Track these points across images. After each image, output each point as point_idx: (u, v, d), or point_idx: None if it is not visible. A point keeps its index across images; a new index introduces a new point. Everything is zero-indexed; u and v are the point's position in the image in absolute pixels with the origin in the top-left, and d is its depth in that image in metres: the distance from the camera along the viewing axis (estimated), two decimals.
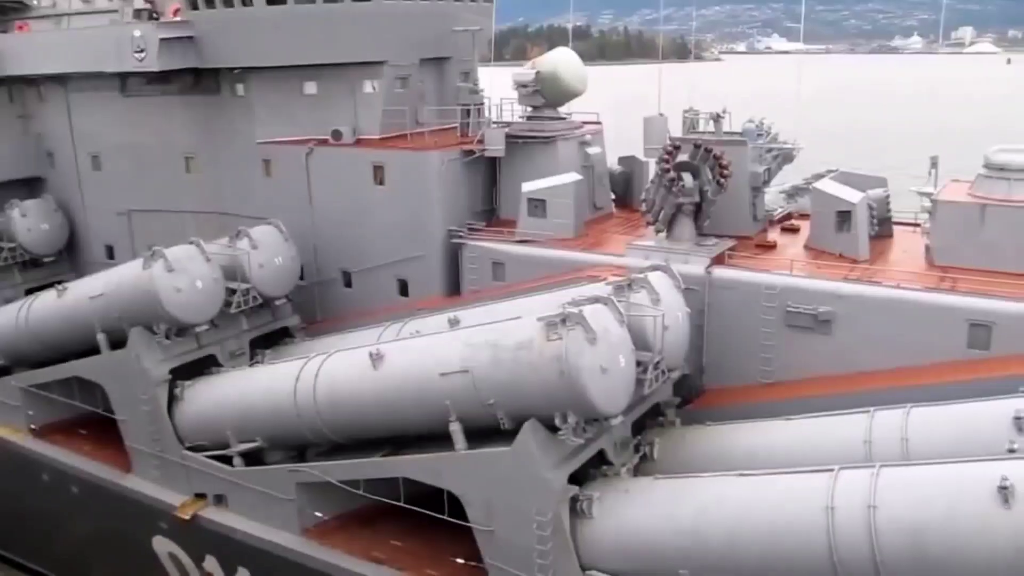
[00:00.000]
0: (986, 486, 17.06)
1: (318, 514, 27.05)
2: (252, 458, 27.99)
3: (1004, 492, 16.73)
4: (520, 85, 34.53)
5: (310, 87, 34.77)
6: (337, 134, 33.60)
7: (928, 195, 27.90)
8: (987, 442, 19.53)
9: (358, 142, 33.71)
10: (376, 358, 24.01)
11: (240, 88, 35.35)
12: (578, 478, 22.24)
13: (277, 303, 32.38)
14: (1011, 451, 18.68)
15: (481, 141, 32.66)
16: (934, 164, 29.49)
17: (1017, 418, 19.76)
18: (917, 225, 30.30)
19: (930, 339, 23.58)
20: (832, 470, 19.26)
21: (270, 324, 32.53)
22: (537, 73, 34.15)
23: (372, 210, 32.50)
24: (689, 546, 20.19)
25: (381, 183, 32.35)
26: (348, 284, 34.11)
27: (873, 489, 18.23)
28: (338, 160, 33.44)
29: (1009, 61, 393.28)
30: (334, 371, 25.34)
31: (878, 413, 22.02)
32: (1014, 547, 16.61)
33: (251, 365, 30.64)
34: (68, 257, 41.88)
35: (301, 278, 33.18)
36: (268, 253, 31.08)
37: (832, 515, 18.36)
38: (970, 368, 22.86)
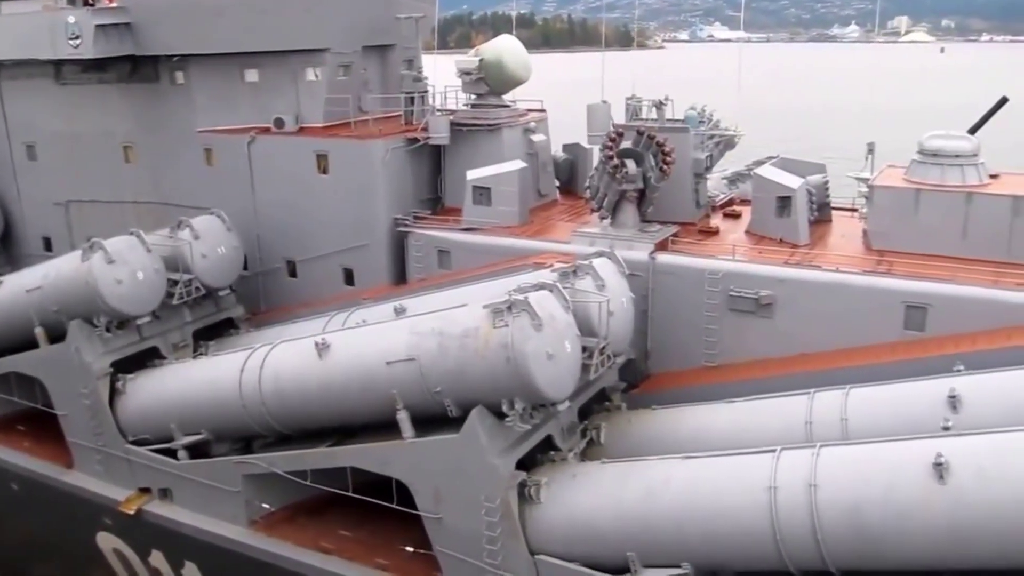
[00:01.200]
0: (922, 463, 17.50)
1: (265, 506, 26.83)
2: (197, 451, 27.63)
3: (939, 468, 17.18)
4: (464, 73, 34.44)
5: (251, 75, 34.30)
6: (279, 122, 33.23)
7: (865, 180, 28.53)
8: (923, 420, 20.02)
9: (301, 130, 33.38)
10: (322, 348, 23.83)
11: (179, 76, 34.70)
12: (526, 464, 22.35)
13: (221, 294, 31.95)
14: (946, 428, 19.15)
15: (425, 129, 32.54)
16: (871, 150, 30.14)
17: (951, 396, 20.30)
18: (855, 210, 30.90)
19: (868, 321, 24.13)
20: (774, 451, 19.61)
21: (214, 315, 32.11)
22: (481, 61, 34.11)
23: (316, 199, 32.20)
24: (636, 529, 20.43)
25: (325, 172, 32.08)
26: (293, 274, 33.80)
27: (814, 469, 18.61)
28: (281, 148, 33.06)
29: (943, 50, 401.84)
30: (279, 362, 25.08)
31: (818, 394, 22.46)
32: (949, 522, 17.08)
33: (195, 357, 30.22)
34: (3, 250, 40.85)
35: (245, 268, 32.86)
36: (210, 243, 30.67)
37: (774, 495, 18.70)
38: (906, 349, 23.44)
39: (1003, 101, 31.48)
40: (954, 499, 17.07)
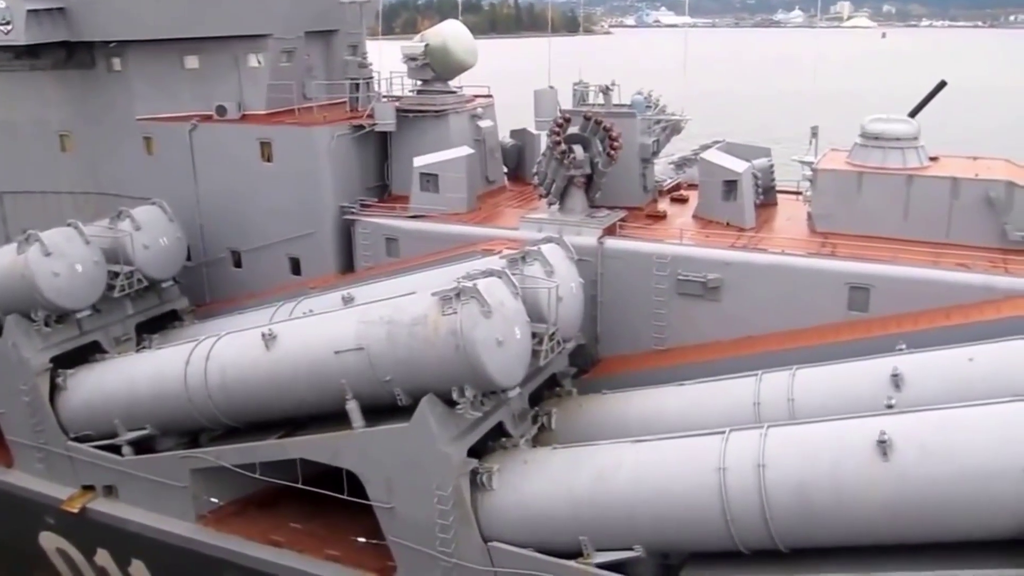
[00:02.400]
0: (866, 441, 17.79)
1: (214, 500, 26.48)
2: (142, 447, 27.13)
3: (883, 446, 17.48)
4: (409, 58, 34.14)
5: (191, 61, 33.64)
6: (221, 110, 32.66)
7: (809, 164, 28.86)
8: (867, 398, 20.33)
9: (244, 118, 32.87)
10: (269, 338, 23.53)
11: (117, 63, 33.87)
12: (477, 451, 22.28)
13: (164, 285, 31.35)
14: (889, 406, 19.46)
15: (371, 116, 32.25)
16: (814, 134, 30.48)
17: (894, 375, 20.66)
18: (799, 193, 31.28)
19: (813, 302, 24.45)
20: (723, 432, 19.80)
21: (157, 307, 31.52)
22: (426, 46, 33.83)
23: (260, 187, 31.73)
24: (588, 513, 20.50)
25: (269, 160, 31.62)
26: (238, 264, 33.30)
27: (762, 449, 18.81)
28: (223, 136, 32.49)
29: (884, 35, 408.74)
30: (225, 353, 24.71)
31: (766, 375, 22.72)
32: (892, 498, 17.39)
33: (138, 351, 29.62)
34: None
35: (188, 259, 32.27)
36: (152, 234, 30.08)
37: (724, 476, 18.86)
38: (851, 329, 23.80)
39: (941, 85, 32.00)
40: (898, 475, 17.38)
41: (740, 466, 18.83)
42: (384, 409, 22.30)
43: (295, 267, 32.02)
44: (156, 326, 31.52)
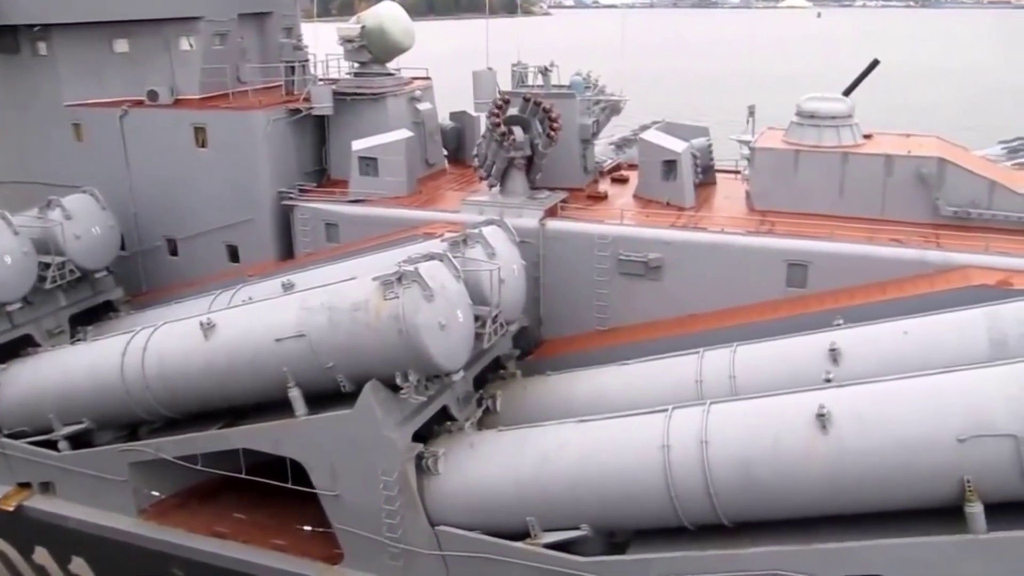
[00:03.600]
0: (806, 415, 18.11)
1: (155, 494, 26.08)
2: (79, 441, 26.52)
3: (822, 419, 17.82)
4: (346, 41, 33.65)
5: (121, 45, 32.75)
6: (153, 95, 31.90)
7: (746, 143, 29.16)
8: (806, 373, 20.68)
9: (177, 103, 32.14)
10: (207, 327, 23.16)
11: (42, 47, 32.79)
12: (423, 435, 22.24)
13: (97, 276, 30.63)
14: (828, 380, 19.84)
15: (307, 99, 31.78)
16: (751, 113, 30.82)
17: (832, 350, 21.04)
18: (738, 172, 31.61)
19: (753, 280, 24.76)
20: (666, 410, 20.00)
21: (91, 299, 30.79)
22: (363, 28, 33.37)
23: (195, 174, 31.10)
24: (534, 494, 20.58)
25: (203, 145, 30.99)
26: (174, 252, 32.66)
27: (704, 426, 19.05)
28: (156, 122, 31.74)
29: (819, 15, 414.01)
30: (163, 344, 24.24)
31: (707, 353, 22.97)
32: (832, 470, 17.75)
33: (72, 343, 28.89)
34: None
35: (122, 248, 31.54)
36: (84, 223, 29.33)
37: (668, 453, 19.07)
38: (789, 305, 24.18)
39: (874, 64, 32.58)
40: (837, 448, 17.73)
41: (683, 443, 19.04)
42: (327, 396, 22.09)
43: (233, 254, 31.50)
44: (90, 318, 30.78)
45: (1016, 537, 16.83)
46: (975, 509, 16.86)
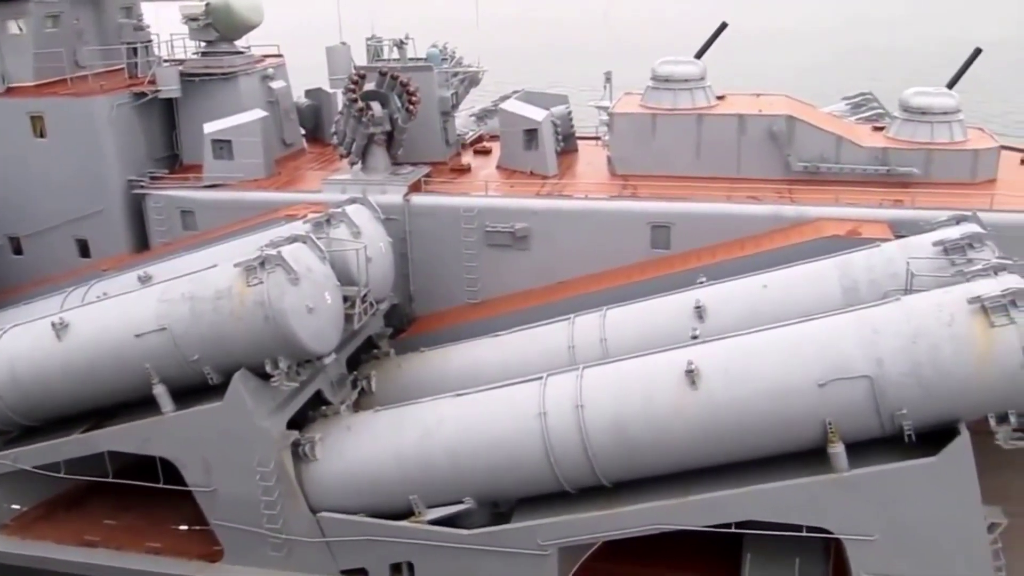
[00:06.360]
0: (675, 372, 18.61)
1: (15, 507, 24.96)
2: None
3: (691, 375, 18.34)
4: (190, 19, 32.35)
5: None
6: None
7: (605, 109, 29.52)
8: (674, 332, 21.21)
9: (9, 91, 30.21)
10: (60, 328, 22.27)
11: None
12: (298, 422, 21.88)
13: None
14: (694, 337, 20.39)
15: (152, 82, 30.38)
16: (608, 79, 31.20)
17: (697, 307, 21.67)
18: (598, 138, 31.99)
19: (618, 244, 25.20)
20: (541, 378, 20.19)
21: None
22: (208, 5, 32.14)
23: (35, 166, 29.35)
24: (416, 471, 20.51)
25: (42, 135, 29.25)
26: (18, 251, 30.78)
27: (579, 390, 19.34)
28: None
29: None
30: (13, 348, 23.18)
31: (578, 319, 23.29)
32: (702, 423, 18.31)
33: None
34: None
35: None
36: None
37: (545, 420, 19.29)
38: (655, 267, 24.72)
39: (723, 26, 33.08)
40: (706, 402, 18.31)
41: (559, 409, 19.30)
42: (196, 389, 21.48)
43: (83, 249, 29.95)
44: None
45: (874, 472, 17.81)
46: (837, 449, 17.73)
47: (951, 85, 28.50)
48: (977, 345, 17.00)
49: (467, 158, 31.12)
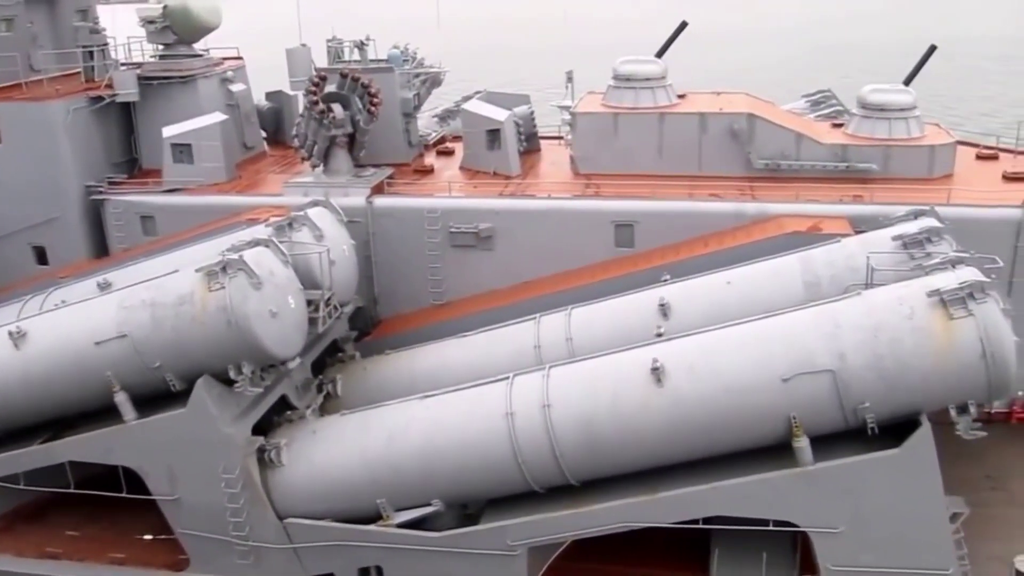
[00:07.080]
0: (641, 370, 18.67)
1: None
2: None
3: (656, 372, 18.41)
4: (147, 22, 31.94)
5: None
6: None
7: (567, 108, 29.56)
8: (639, 330, 21.30)
9: None
10: (17, 337, 21.95)
11: None
12: (263, 428, 21.67)
13: None
14: (659, 335, 20.49)
15: (110, 85, 29.96)
16: (570, 78, 31.21)
17: (661, 305, 21.75)
18: (561, 138, 32.02)
19: (583, 243, 25.25)
20: (508, 378, 20.16)
21: None
22: (165, 8, 31.76)
23: None
24: (384, 475, 20.38)
25: None
26: None
27: (545, 389, 19.33)
28: None
29: None
30: None
31: (544, 318, 23.28)
32: (669, 420, 18.39)
33: None
34: None
35: None
36: None
37: (512, 420, 19.27)
38: (619, 265, 24.79)
39: (683, 26, 33.24)
40: (672, 399, 18.39)
41: (527, 409, 19.28)
42: (159, 397, 21.21)
43: (40, 256, 29.44)
44: None
45: (839, 465, 17.99)
46: (802, 443, 17.89)
47: (908, 81, 28.93)
48: (937, 337, 17.27)
49: (430, 159, 31.05)
